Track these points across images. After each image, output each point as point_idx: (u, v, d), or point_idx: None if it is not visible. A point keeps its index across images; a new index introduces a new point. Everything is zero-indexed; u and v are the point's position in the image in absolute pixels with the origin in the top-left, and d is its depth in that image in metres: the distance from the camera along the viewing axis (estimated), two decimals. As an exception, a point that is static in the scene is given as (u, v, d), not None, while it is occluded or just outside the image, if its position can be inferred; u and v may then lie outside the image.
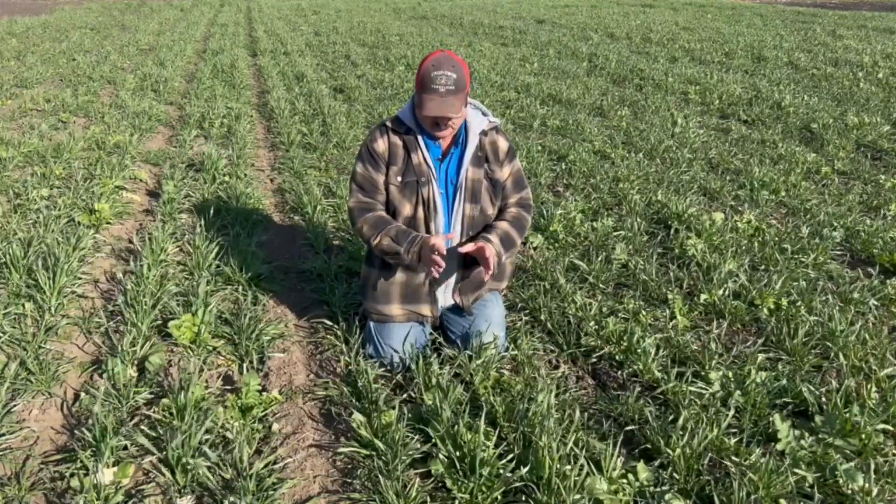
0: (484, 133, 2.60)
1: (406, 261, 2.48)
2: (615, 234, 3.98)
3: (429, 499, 2.12)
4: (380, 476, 2.13)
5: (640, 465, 2.17)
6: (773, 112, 6.96)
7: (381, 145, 2.56)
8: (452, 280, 2.72)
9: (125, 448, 2.30)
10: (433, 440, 2.27)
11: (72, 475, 2.17)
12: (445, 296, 2.75)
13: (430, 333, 2.85)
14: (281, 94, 7.71)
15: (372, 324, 2.77)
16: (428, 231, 2.59)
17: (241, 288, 3.37)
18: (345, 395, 2.58)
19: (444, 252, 2.39)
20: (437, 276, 2.45)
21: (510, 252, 2.67)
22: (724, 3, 20.80)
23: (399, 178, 2.55)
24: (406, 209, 2.56)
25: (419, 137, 2.53)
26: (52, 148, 5.44)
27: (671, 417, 2.42)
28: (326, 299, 3.30)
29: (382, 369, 2.71)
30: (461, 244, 2.56)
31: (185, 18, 16.44)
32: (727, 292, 3.26)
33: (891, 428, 2.34)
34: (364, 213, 2.56)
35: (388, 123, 2.58)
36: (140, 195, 4.81)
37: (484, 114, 2.64)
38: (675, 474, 2.16)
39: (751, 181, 4.87)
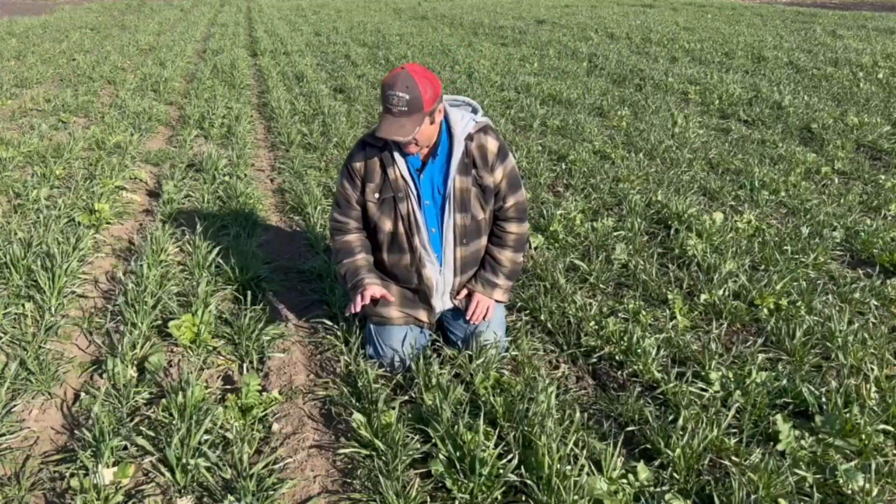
0: (469, 137, 2.50)
1: (351, 295, 2.61)
2: (615, 234, 3.98)
3: (429, 499, 2.12)
4: (380, 476, 2.13)
5: (640, 465, 2.17)
6: (773, 112, 6.96)
7: (357, 163, 2.54)
8: (449, 287, 2.72)
9: (125, 448, 2.30)
10: (433, 440, 2.27)
11: (72, 475, 2.17)
12: (443, 301, 2.75)
13: (430, 335, 2.85)
14: (281, 94, 7.71)
15: (372, 325, 2.77)
16: (412, 247, 2.56)
17: (241, 288, 3.37)
18: (345, 395, 2.58)
19: (371, 302, 2.56)
20: (352, 311, 2.53)
21: (516, 278, 2.77)
22: (724, 3, 20.81)
23: (376, 195, 2.52)
24: (387, 225, 2.55)
25: (394, 152, 2.47)
26: (52, 148, 5.44)
27: (671, 417, 2.42)
28: (326, 299, 3.30)
29: (382, 369, 2.71)
30: (461, 295, 2.73)
31: (185, 18, 16.45)
32: (727, 292, 3.26)
33: (891, 428, 2.34)
34: (335, 234, 2.67)
35: (367, 138, 2.53)
36: (140, 195, 4.81)
37: (474, 111, 2.57)
38: (675, 474, 2.16)
39: (751, 181, 4.87)
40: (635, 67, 9.49)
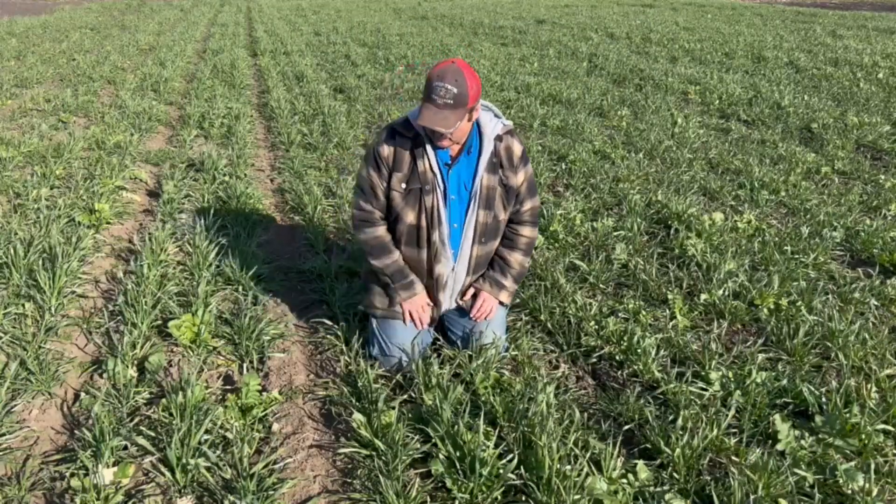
0: (499, 138, 2.55)
1: (393, 297, 2.66)
2: (615, 234, 3.98)
3: (429, 499, 2.12)
4: (380, 476, 2.14)
5: (640, 465, 2.17)
6: (773, 112, 6.96)
7: (385, 150, 2.52)
8: (459, 287, 2.72)
9: (125, 448, 2.30)
10: (433, 440, 2.27)
11: (72, 475, 2.17)
12: (450, 300, 2.75)
13: (433, 333, 2.84)
14: (281, 94, 7.71)
15: (375, 322, 2.75)
16: (430, 241, 2.56)
17: (241, 288, 3.37)
18: (345, 395, 2.58)
19: (431, 319, 2.63)
20: (419, 326, 2.65)
21: (521, 282, 2.81)
22: (724, 3, 20.80)
23: (403, 186, 2.52)
24: (409, 217, 2.54)
25: (426, 144, 2.48)
26: (52, 148, 5.44)
27: (671, 417, 2.42)
28: (326, 299, 3.30)
29: (383, 369, 2.71)
30: (468, 294, 2.76)
31: (185, 18, 16.45)
32: (727, 292, 3.26)
33: (891, 428, 2.34)
34: (363, 225, 2.62)
35: (397, 126, 2.53)
36: (140, 195, 4.81)
37: (497, 116, 2.59)
38: (674, 474, 2.16)
39: (751, 181, 4.87)
40: (635, 67, 9.49)
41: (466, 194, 2.55)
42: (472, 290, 2.75)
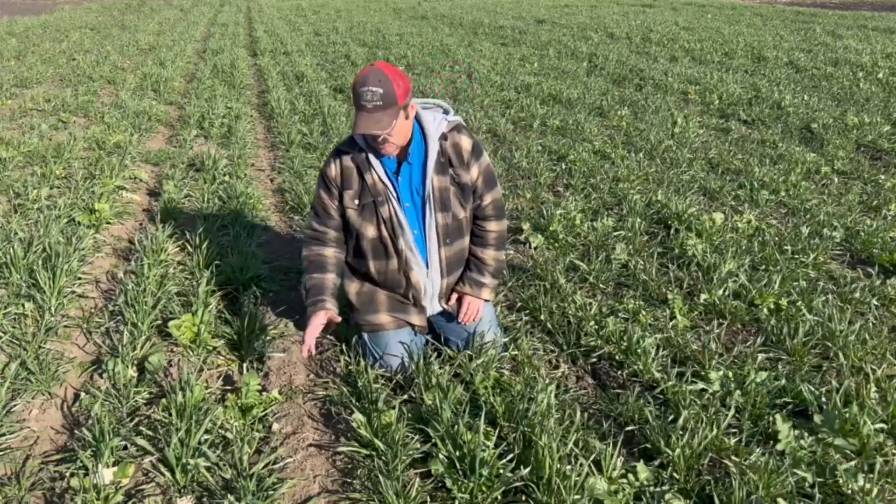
0: (444, 137, 2.51)
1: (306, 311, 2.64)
2: (615, 234, 3.98)
3: (429, 499, 2.12)
4: (380, 476, 2.13)
5: (640, 465, 2.17)
6: (773, 112, 6.96)
7: (332, 170, 2.53)
8: (437, 290, 2.71)
9: (125, 448, 2.30)
10: (433, 440, 2.27)
11: (72, 475, 2.16)
12: (433, 305, 2.75)
13: (425, 338, 2.83)
14: (281, 94, 7.71)
15: (366, 335, 2.74)
16: (397, 250, 2.55)
17: (241, 288, 3.37)
18: (345, 395, 2.58)
19: (313, 353, 2.53)
20: (304, 355, 2.55)
21: (501, 275, 2.81)
22: (724, 3, 20.80)
23: (356, 202, 2.52)
24: (370, 231, 2.54)
25: (370, 156, 2.48)
26: (52, 148, 5.44)
27: (671, 417, 2.42)
28: (326, 299, 3.30)
29: (382, 370, 2.71)
30: (453, 297, 2.77)
31: (185, 18, 16.45)
32: (727, 292, 3.26)
33: (891, 427, 2.33)
34: (312, 243, 2.65)
35: (342, 146, 2.53)
36: (140, 195, 4.81)
37: (445, 111, 2.55)
38: (675, 474, 2.16)
39: (751, 181, 4.87)
40: (635, 67, 9.49)
41: (419, 199, 2.53)
42: (455, 296, 2.75)
